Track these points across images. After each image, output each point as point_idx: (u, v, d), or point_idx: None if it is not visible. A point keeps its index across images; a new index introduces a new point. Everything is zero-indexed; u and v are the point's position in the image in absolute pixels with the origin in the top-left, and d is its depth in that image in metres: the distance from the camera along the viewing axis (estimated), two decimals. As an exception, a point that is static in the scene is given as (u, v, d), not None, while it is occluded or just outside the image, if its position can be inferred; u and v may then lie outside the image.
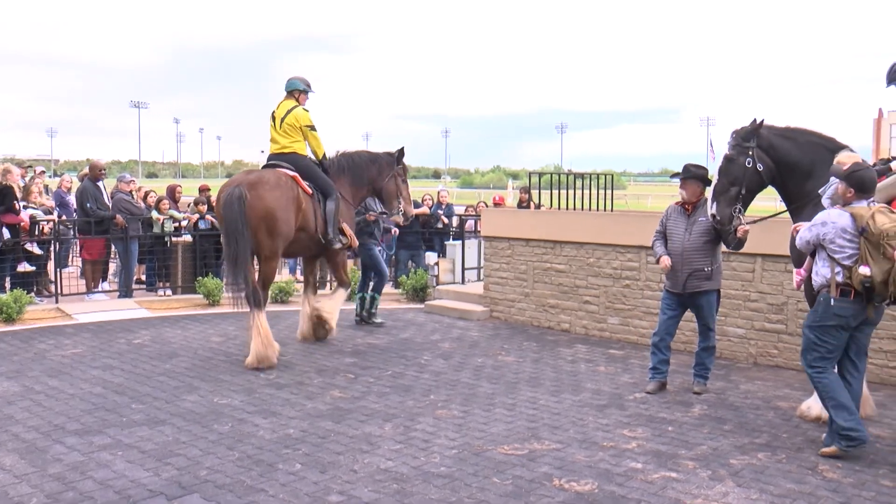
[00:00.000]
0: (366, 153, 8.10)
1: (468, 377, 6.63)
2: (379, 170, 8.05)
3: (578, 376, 6.74)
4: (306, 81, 7.74)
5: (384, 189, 8.09)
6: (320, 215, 7.49)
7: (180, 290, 10.93)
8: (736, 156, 5.55)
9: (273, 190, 7.00)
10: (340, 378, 6.54)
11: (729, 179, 5.57)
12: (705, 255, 6.04)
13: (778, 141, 5.53)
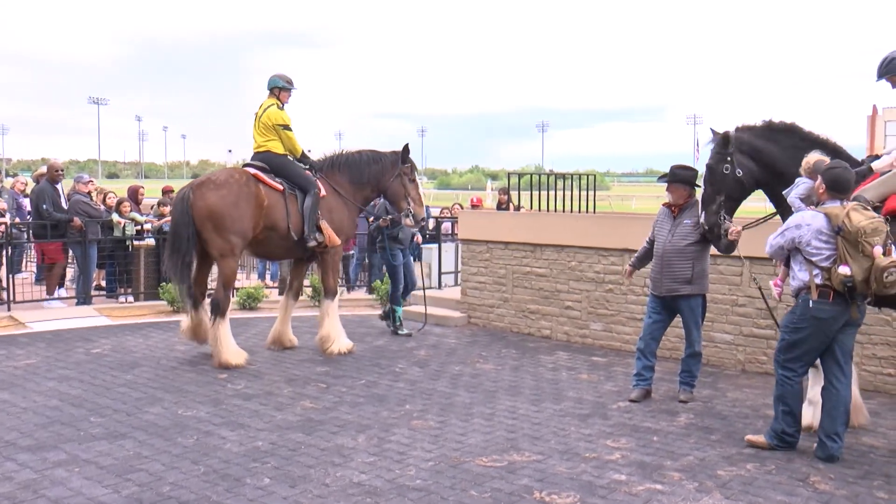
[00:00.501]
0: (369, 152, 8.01)
1: (445, 386, 6.63)
2: (382, 169, 7.93)
3: (560, 385, 6.76)
4: (287, 78, 7.83)
5: (389, 189, 7.99)
6: (295, 212, 7.50)
7: (143, 297, 10.82)
8: (715, 164, 5.63)
9: (218, 189, 7.23)
10: (312, 388, 6.51)
11: (713, 188, 5.68)
12: (686, 259, 6.10)
13: (761, 144, 5.56)
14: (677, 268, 6.12)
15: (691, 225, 6.11)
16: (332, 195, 7.76)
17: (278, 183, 7.52)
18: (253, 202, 7.30)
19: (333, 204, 7.75)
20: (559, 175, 11.37)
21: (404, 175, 7.95)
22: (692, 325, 6.22)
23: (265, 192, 7.41)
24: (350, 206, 7.88)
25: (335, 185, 7.79)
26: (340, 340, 7.75)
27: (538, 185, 10.57)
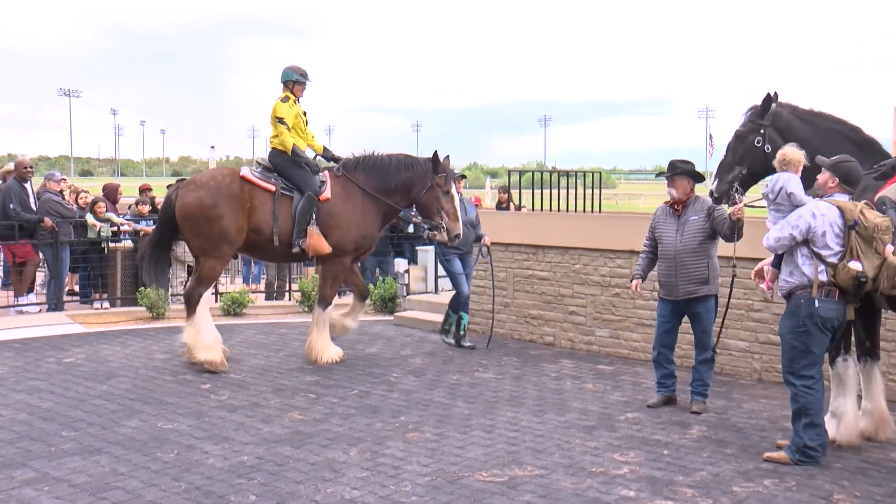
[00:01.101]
0: (402, 156, 7.84)
1: (442, 396, 6.63)
2: (412, 178, 7.70)
3: (564, 395, 6.77)
4: (301, 71, 7.84)
5: (420, 201, 7.75)
6: (286, 215, 7.51)
7: (119, 303, 10.81)
8: (746, 133, 5.65)
9: (197, 189, 7.49)
10: (300, 398, 6.50)
11: (734, 157, 5.69)
12: (700, 257, 6.11)
13: (797, 123, 5.56)
14: (693, 268, 6.12)
15: (700, 220, 6.12)
16: (349, 198, 7.66)
17: (272, 183, 7.54)
18: (234, 204, 7.39)
19: (350, 207, 7.64)
20: (562, 172, 11.40)
21: (438, 187, 7.64)
22: (709, 329, 6.22)
23: (251, 193, 7.47)
24: (373, 211, 7.71)
25: (361, 184, 7.66)
26: (329, 351, 7.74)
27: (540, 184, 10.59)
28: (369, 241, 7.87)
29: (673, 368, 6.42)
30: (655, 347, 6.41)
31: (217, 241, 7.44)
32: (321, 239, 7.51)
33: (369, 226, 7.74)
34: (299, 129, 7.79)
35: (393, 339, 9.14)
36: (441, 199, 7.66)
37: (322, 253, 7.59)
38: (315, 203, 7.52)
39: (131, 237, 10.93)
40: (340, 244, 7.60)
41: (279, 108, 7.69)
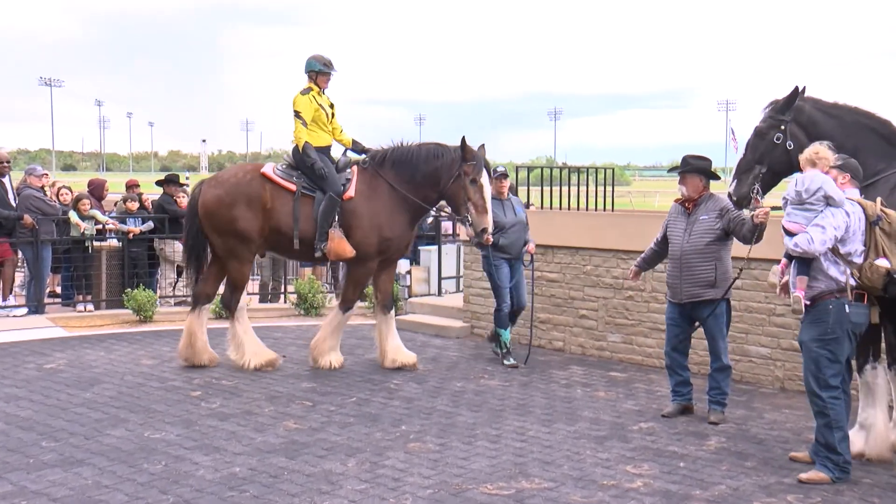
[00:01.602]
0: (431, 145, 7.69)
1: (445, 404, 6.63)
2: (440, 166, 7.50)
3: (574, 403, 6.77)
4: (324, 60, 7.82)
5: (448, 192, 7.53)
6: (307, 216, 7.51)
7: (104, 305, 10.83)
8: (766, 130, 5.59)
9: (215, 187, 7.68)
10: (296, 406, 6.51)
11: (755, 156, 5.63)
12: (707, 260, 6.12)
13: (820, 118, 5.53)
14: (698, 270, 6.14)
15: (710, 220, 6.12)
16: (375, 196, 7.57)
17: (293, 182, 7.56)
18: (254, 203, 7.48)
19: (375, 206, 7.55)
20: (573, 169, 11.38)
21: (465, 175, 7.39)
22: (717, 335, 6.24)
23: (271, 192, 7.52)
24: (400, 210, 7.59)
25: (394, 182, 7.57)
26: (329, 356, 7.74)
27: (549, 180, 10.57)
28: (397, 242, 7.69)
29: (687, 375, 6.42)
30: (667, 353, 6.44)
31: (236, 241, 7.57)
32: (343, 242, 7.42)
33: (395, 226, 7.60)
34: (321, 123, 7.72)
35: (393, 343, 9.15)
36: (468, 188, 7.40)
37: (344, 257, 7.53)
38: (337, 204, 7.46)
39: (118, 236, 10.94)
40: (362, 246, 7.50)
41: (297, 100, 7.67)
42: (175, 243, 11.23)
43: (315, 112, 7.66)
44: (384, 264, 7.87)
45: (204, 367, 7.77)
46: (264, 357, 7.74)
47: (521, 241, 8.05)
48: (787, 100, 5.57)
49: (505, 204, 8.05)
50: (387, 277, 8.00)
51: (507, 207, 8.05)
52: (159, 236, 11.16)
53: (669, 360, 6.40)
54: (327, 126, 7.80)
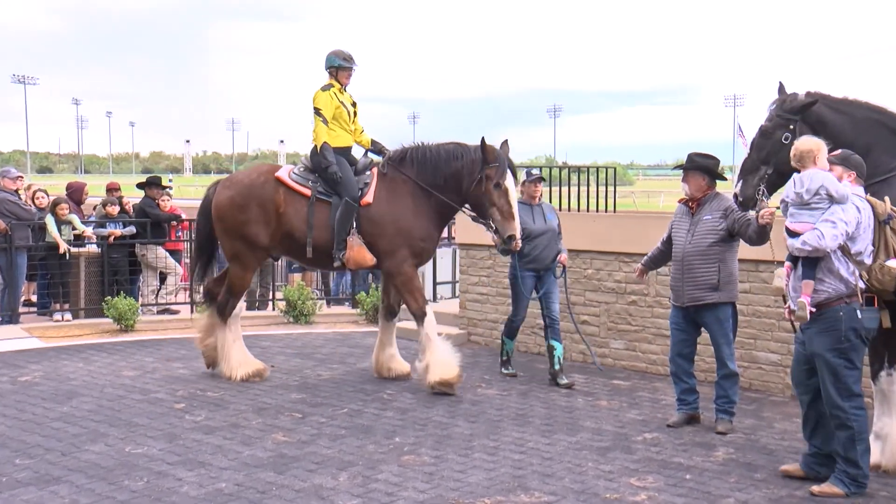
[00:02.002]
0: (451, 145, 7.49)
1: (441, 415, 6.64)
2: (460, 169, 7.32)
3: (575, 413, 6.78)
4: (345, 55, 7.74)
5: (470, 197, 7.35)
6: (323, 223, 7.41)
7: (83, 314, 10.81)
8: (773, 129, 5.57)
9: (228, 188, 7.75)
10: (285, 418, 6.51)
11: (760, 156, 5.62)
12: (710, 261, 6.13)
13: (830, 115, 5.50)
14: (700, 272, 6.15)
15: (713, 220, 6.14)
16: (396, 199, 7.43)
17: (308, 187, 7.49)
18: (266, 207, 7.47)
19: (398, 210, 7.39)
20: (574, 168, 11.42)
21: (488, 179, 7.19)
22: (722, 341, 6.25)
23: (285, 196, 7.47)
24: (426, 210, 7.43)
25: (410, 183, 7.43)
26: (446, 367, 7.22)
27: (549, 180, 10.59)
28: (429, 243, 7.61)
29: (693, 383, 6.44)
30: (672, 359, 6.45)
31: (244, 246, 7.58)
32: (363, 251, 7.30)
33: (423, 227, 7.46)
34: (342, 121, 7.63)
35: (386, 352, 9.15)
36: (492, 193, 7.19)
37: (365, 266, 7.47)
38: (354, 210, 7.33)
39: (97, 241, 10.93)
40: (391, 252, 7.36)
41: (317, 97, 7.57)
42: (158, 249, 11.23)
43: (336, 110, 7.57)
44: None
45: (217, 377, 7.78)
46: (251, 367, 7.73)
47: (551, 251, 7.69)
48: (797, 102, 5.52)
49: (534, 209, 7.73)
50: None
51: (537, 213, 7.72)
52: (141, 241, 11.16)
53: (674, 366, 6.42)
54: (349, 125, 7.70)
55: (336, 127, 7.59)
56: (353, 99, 7.83)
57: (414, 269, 7.58)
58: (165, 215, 11.39)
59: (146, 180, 11.93)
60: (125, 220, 11.32)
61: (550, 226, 7.73)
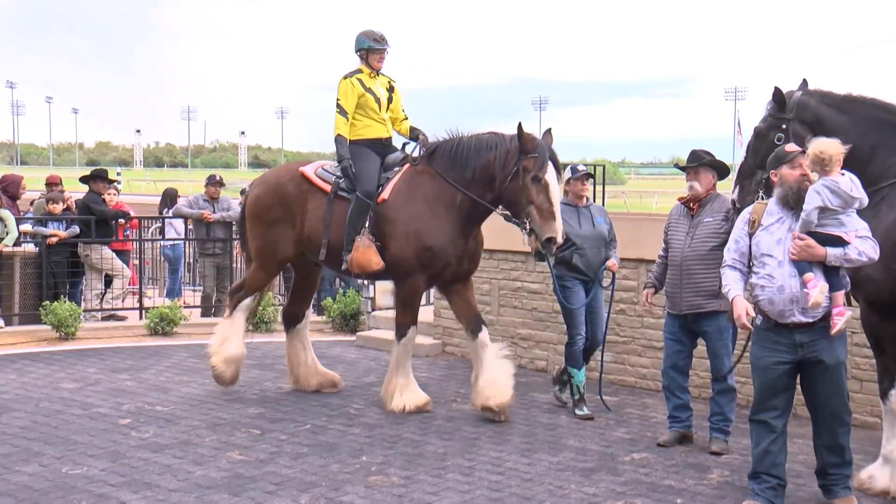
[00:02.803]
0: (486, 135, 7.19)
1: (412, 432, 6.65)
2: (492, 160, 6.99)
3: (558, 430, 6.81)
4: (376, 35, 7.60)
5: (505, 192, 6.98)
6: (339, 222, 7.31)
7: (17, 320, 10.72)
8: (766, 130, 5.60)
9: (257, 187, 7.94)
10: (241, 435, 6.49)
11: (756, 159, 5.64)
12: (710, 266, 6.16)
13: (828, 113, 5.51)
14: (700, 278, 6.21)
15: (715, 223, 6.21)
16: (414, 197, 7.20)
17: (328, 182, 7.46)
18: (290, 208, 7.51)
19: (413, 209, 7.16)
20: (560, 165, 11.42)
21: (525, 172, 6.82)
22: (722, 352, 6.30)
23: (308, 194, 7.47)
24: (446, 213, 7.12)
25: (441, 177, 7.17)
26: (407, 394, 7.25)
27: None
28: (442, 253, 7.10)
29: (687, 399, 6.48)
30: (664, 372, 6.50)
31: (267, 250, 7.66)
32: (369, 253, 7.05)
33: (438, 232, 7.09)
34: (370, 110, 7.50)
35: (355, 363, 9.15)
36: (529, 188, 6.80)
37: (370, 270, 7.17)
38: (367, 207, 7.18)
39: (35, 240, 10.83)
40: (400, 258, 7.13)
41: (339, 86, 7.52)
42: (103, 249, 11.15)
43: (361, 98, 7.45)
44: (451, 282, 7.36)
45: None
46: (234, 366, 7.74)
47: (599, 259, 7.26)
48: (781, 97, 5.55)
49: (581, 212, 7.33)
50: (462, 298, 7.41)
51: (584, 216, 7.31)
52: (84, 241, 11.06)
53: (667, 380, 6.46)
54: (379, 113, 7.53)
55: (363, 117, 7.49)
56: (390, 83, 7.69)
57: (422, 283, 7.28)
58: (112, 212, 11.31)
59: (91, 173, 11.84)
60: (68, 219, 11.19)
61: (599, 231, 7.30)
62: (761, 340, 5.11)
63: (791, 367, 5.06)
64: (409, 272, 7.16)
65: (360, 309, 11.06)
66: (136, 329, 10.65)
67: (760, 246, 5.05)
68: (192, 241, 12.74)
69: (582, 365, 7.30)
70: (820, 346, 4.99)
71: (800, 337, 4.99)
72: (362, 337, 10.19)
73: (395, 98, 7.72)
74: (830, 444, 5.17)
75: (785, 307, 4.95)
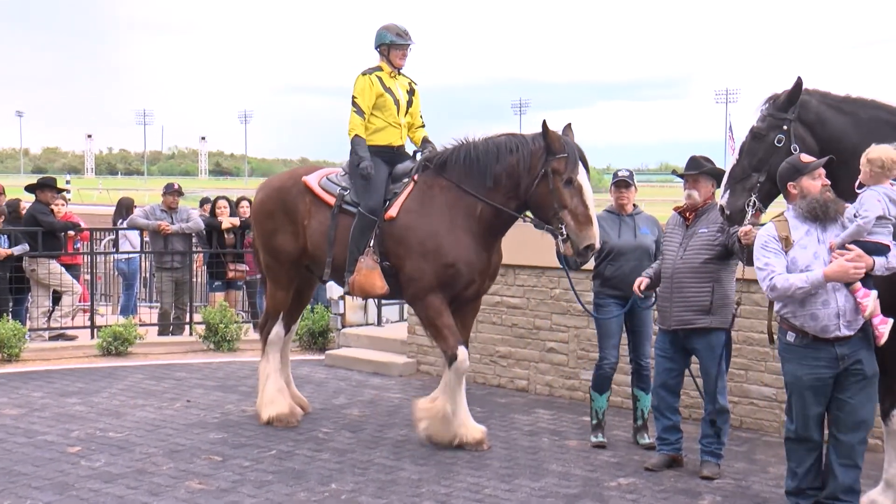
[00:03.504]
0: (503, 137, 7.00)
1: (385, 457, 6.66)
2: (515, 165, 6.81)
3: (539, 454, 6.83)
4: (399, 30, 7.46)
5: (531, 197, 6.80)
6: (344, 239, 7.15)
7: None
8: (766, 130, 5.59)
9: (261, 191, 7.97)
10: (201, 462, 6.47)
11: (751, 162, 5.63)
12: (703, 280, 6.22)
13: (830, 115, 5.57)
14: (691, 292, 6.25)
15: (709, 234, 6.24)
16: (428, 211, 6.98)
17: (333, 194, 7.30)
18: (291, 216, 7.44)
19: (428, 225, 6.93)
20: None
21: (555, 174, 6.65)
22: (714, 372, 6.32)
23: (310, 205, 7.37)
24: (465, 225, 6.90)
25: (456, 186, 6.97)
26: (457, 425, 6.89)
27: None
28: (467, 269, 6.91)
29: (678, 420, 6.51)
30: (654, 391, 6.53)
31: (272, 259, 7.65)
32: (373, 276, 6.94)
33: (458, 247, 6.88)
34: (386, 113, 7.37)
35: (323, 383, 9.13)
36: (561, 192, 6.64)
37: (373, 294, 7.17)
38: (372, 224, 7.02)
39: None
40: (416, 279, 6.92)
41: (356, 83, 7.39)
42: (51, 263, 11.07)
43: (379, 98, 7.32)
44: (458, 303, 7.12)
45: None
46: (279, 409, 7.53)
47: (639, 274, 6.84)
48: (789, 94, 5.58)
49: (623, 221, 7.10)
50: (461, 319, 7.16)
51: (626, 225, 7.07)
52: (30, 254, 10.97)
53: (657, 399, 6.49)
54: (396, 117, 7.42)
55: (377, 119, 7.35)
56: (411, 85, 7.61)
57: (443, 302, 6.92)
58: (60, 224, 11.23)
59: (38, 182, 11.74)
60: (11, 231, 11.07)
61: (642, 242, 7.01)
62: (798, 358, 5.19)
63: (831, 381, 5.16)
64: (427, 293, 6.91)
65: (330, 326, 11.05)
66: (87, 349, 10.57)
67: (798, 262, 5.13)
68: (148, 255, 12.67)
69: (605, 390, 7.12)
70: (861, 356, 5.12)
71: (840, 350, 5.09)
72: (331, 356, 10.17)
73: (416, 102, 7.61)
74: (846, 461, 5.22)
75: (829, 322, 5.05)
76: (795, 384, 5.23)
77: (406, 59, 7.50)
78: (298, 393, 8.05)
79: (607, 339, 7.03)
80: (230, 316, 10.99)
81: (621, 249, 6.96)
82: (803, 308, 5.10)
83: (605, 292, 7.03)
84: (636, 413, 7.17)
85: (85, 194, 62.07)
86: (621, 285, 6.91)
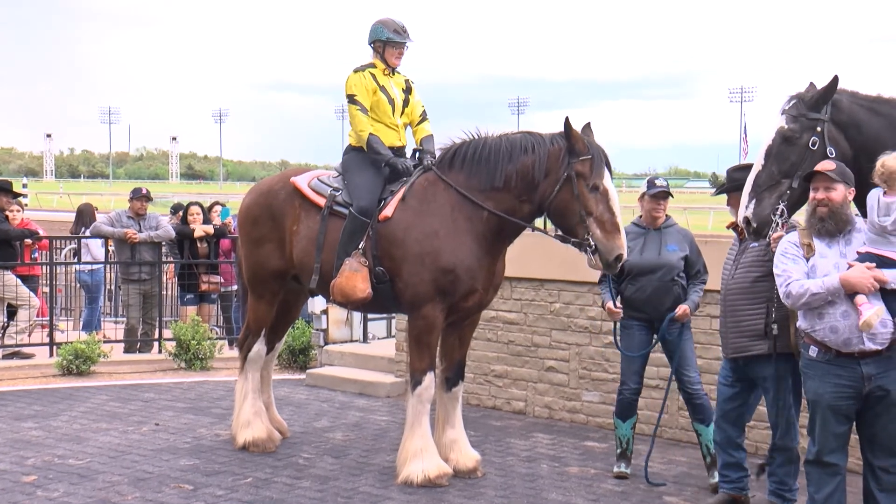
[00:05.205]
0: (518, 135, 6.91)
1: (370, 484, 6.66)
2: (531, 166, 6.69)
3: (538, 482, 6.84)
4: (395, 26, 7.43)
5: (552, 204, 6.68)
6: (333, 243, 7.12)
7: None
8: (798, 132, 5.52)
9: (248, 195, 8.02)
10: (170, 491, 6.47)
11: (781, 167, 5.57)
12: (756, 301, 5.95)
13: (865, 116, 5.56)
14: (745, 315, 5.98)
15: (759, 249, 5.94)
16: (427, 212, 6.91)
17: (322, 194, 7.30)
18: (278, 222, 7.44)
19: (426, 227, 6.86)
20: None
21: (580, 178, 6.54)
22: (777, 405, 5.96)
23: (300, 209, 7.36)
24: (467, 229, 6.81)
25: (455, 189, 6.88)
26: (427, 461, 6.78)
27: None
28: (467, 276, 6.79)
29: (741, 457, 6.19)
30: (716, 422, 6.29)
31: (257, 268, 7.62)
32: (355, 278, 6.85)
33: (462, 251, 6.78)
34: (382, 113, 7.36)
35: (304, 404, 9.14)
36: (586, 198, 6.53)
37: (353, 299, 6.93)
38: (363, 226, 6.97)
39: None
40: (412, 285, 6.86)
41: (349, 81, 7.38)
42: (5, 274, 11.06)
43: (374, 96, 7.32)
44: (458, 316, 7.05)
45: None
46: (256, 433, 7.55)
47: (666, 295, 6.81)
48: (823, 93, 5.54)
49: (650, 235, 6.96)
50: (458, 336, 7.21)
51: (651, 240, 6.93)
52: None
53: (721, 434, 6.22)
54: (391, 118, 7.41)
55: (372, 120, 7.34)
56: (407, 83, 7.59)
57: (440, 314, 6.83)
58: (16, 231, 11.23)
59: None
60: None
61: (667, 260, 6.84)
62: (819, 374, 5.23)
63: (855, 401, 5.18)
64: (423, 301, 6.82)
65: (311, 343, 11.04)
66: (46, 368, 10.55)
67: (817, 270, 5.19)
68: (113, 265, 12.66)
69: (628, 417, 7.02)
70: (891, 377, 5.14)
71: (866, 369, 5.12)
72: (313, 375, 10.18)
73: (412, 100, 7.59)
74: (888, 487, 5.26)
75: (851, 334, 5.09)
76: (817, 402, 5.27)
77: (402, 58, 7.49)
78: (279, 417, 8.05)
79: (628, 365, 6.96)
80: (203, 332, 10.98)
81: (642, 268, 6.83)
82: (822, 320, 5.14)
83: (628, 313, 6.88)
84: (702, 449, 6.92)
85: (44, 199, 61.99)
86: (644, 307, 6.84)
